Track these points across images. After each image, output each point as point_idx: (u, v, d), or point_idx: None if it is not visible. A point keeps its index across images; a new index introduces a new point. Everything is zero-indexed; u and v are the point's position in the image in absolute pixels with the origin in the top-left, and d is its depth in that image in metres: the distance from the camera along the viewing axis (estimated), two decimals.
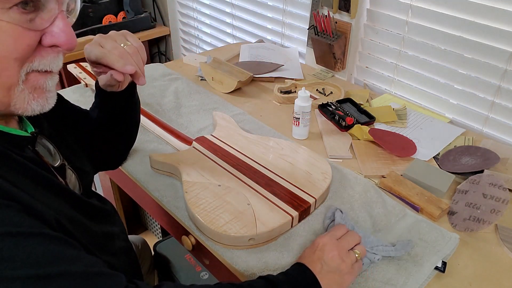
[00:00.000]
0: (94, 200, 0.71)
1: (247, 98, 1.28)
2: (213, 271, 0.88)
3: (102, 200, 0.77)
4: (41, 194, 0.53)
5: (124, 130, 0.88)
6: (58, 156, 0.64)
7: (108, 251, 0.65)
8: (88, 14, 1.79)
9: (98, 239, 0.63)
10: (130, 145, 0.95)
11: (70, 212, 0.57)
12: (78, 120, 0.84)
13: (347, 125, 1.10)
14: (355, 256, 0.68)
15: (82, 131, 0.82)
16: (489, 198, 0.84)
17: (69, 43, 0.54)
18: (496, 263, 0.75)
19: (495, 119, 1.11)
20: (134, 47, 0.72)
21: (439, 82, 1.20)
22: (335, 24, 1.33)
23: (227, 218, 0.75)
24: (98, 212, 0.68)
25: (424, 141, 1.07)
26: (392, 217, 0.82)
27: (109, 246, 0.67)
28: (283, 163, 0.90)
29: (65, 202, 0.58)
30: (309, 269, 0.64)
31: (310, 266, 0.65)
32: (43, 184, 0.55)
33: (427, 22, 1.17)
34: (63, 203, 0.57)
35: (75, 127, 0.81)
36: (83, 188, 0.69)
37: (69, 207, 0.58)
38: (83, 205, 0.63)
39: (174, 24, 2.09)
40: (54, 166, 0.62)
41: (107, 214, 0.72)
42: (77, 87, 1.28)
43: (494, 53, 1.05)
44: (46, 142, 0.64)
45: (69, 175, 0.66)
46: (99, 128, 0.84)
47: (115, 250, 0.68)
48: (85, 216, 0.62)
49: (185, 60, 1.50)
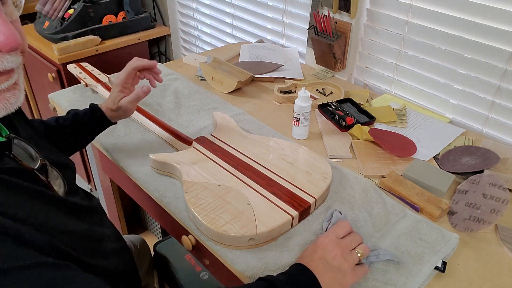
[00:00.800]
0: (79, 198, 0.69)
1: (247, 98, 1.28)
2: (213, 271, 0.88)
3: (88, 196, 0.75)
4: (27, 209, 0.53)
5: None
6: (38, 157, 0.63)
7: (99, 254, 0.63)
8: (88, 14, 1.79)
9: (88, 243, 0.61)
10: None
11: (58, 221, 0.57)
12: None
13: (347, 125, 1.10)
14: (358, 256, 0.68)
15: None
16: (489, 198, 0.84)
17: (8, 44, 0.50)
18: (496, 263, 0.75)
19: (495, 119, 1.11)
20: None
21: (439, 82, 1.20)
22: (335, 24, 1.33)
23: (227, 218, 0.75)
24: (85, 213, 0.67)
25: (424, 141, 1.07)
26: (392, 217, 0.82)
27: (100, 249, 0.65)
28: (283, 163, 0.90)
29: (52, 209, 0.57)
30: (309, 269, 0.64)
31: (311, 266, 0.65)
32: (27, 195, 0.54)
33: (427, 22, 1.17)
34: (51, 212, 0.57)
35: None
36: (67, 184, 0.68)
37: (56, 215, 0.58)
38: (71, 208, 0.62)
39: (174, 24, 2.09)
40: (34, 168, 0.60)
41: (95, 213, 0.71)
42: (77, 87, 1.28)
43: (494, 53, 1.05)
44: (24, 144, 0.62)
45: (52, 174, 0.65)
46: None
47: (107, 253, 0.66)
48: (73, 219, 0.61)
49: (185, 60, 1.50)
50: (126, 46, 1.89)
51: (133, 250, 1.14)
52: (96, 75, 1.28)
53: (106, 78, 1.27)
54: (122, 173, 1.01)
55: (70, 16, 1.77)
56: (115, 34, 1.86)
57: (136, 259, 1.15)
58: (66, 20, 1.78)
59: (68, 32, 1.76)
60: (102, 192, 1.52)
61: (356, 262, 0.67)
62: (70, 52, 1.70)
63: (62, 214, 0.59)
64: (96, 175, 1.46)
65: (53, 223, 0.56)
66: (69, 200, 0.64)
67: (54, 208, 0.58)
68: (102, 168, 1.30)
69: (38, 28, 1.86)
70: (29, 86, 2.12)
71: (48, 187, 0.62)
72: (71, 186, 0.70)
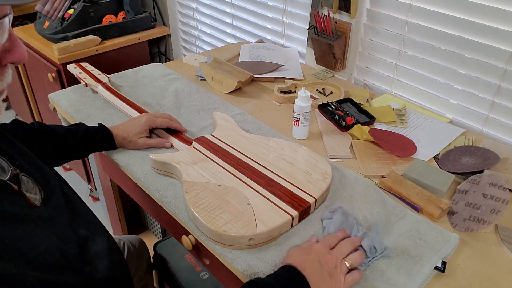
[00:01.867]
0: (56, 202, 0.65)
1: (247, 98, 1.28)
2: (213, 271, 0.88)
3: (67, 195, 0.70)
4: (9, 234, 0.52)
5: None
6: (8, 167, 0.60)
7: (85, 261, 0.61)
8: (88, 14, 1.79)
9: (71, 258, 0.59)
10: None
11: (35, 243, 0.54)
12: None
13: (347, 125, 1.10)
14: (346, 265, 0.69)
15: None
16: (489, 198, 0.84)
17: (24, 59, 0.52)
18: (496, 263, 0.75)
19: (495, 119, 1.11)
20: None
21: (439, 82, 1.20)
22: (335, 24, 1.33)
23: (227, 218, 0.75)
24: (65, 217, 0.64)
25: (424, 141, 1.07)
26: (392, 217, 0.82)
27: (86, 255, 0.62)
28: (283, 163, 0.90)
29: (26, 226, 0.55)
30: (299, 271, 0.65)
31: (303, 266, 0.66)
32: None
33: (427, 22, 1.17)
34: (26, 233, 0.55)
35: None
36: (43, 187, 0.64)
37: (30, 235, 0.55)
38: (46, 219, 0.60)
39: (174, 24, 2.09)
40: (5, 179, 0.58)
41: (76, 215, 0.67)
42: (77, 87, 1.28)
43: (494, 53, 1.05)
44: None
45: (24, 182, 0.62)
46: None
47: (90, 257, 0.63)
48: (49, 229, 0.59)
49: (185, 60, 1.50)
50: (126, 46, 1.89)
51: (132, 250, 1.14)
52: (96, 75, 1.28)
53: (106, 78, 1.27)
54: (122, 173, 1.01)
55: (70, 16, 1.77)
56: (115, 34, 1.87)
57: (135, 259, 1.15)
58: (66, 20, 1.78)
59: (68, 32, 1.76)
60: (102, 192, 1.52)
61: (345, 272, 0.68)
62: (70, 52, 1.70)
63: (38, 231, 0.57)
64: (96, 175, 1.46)
65: (29, 247, 0.53)
66: (44, 213, 0.61)
67: (28, 226, 0.56)
68: (102, 168, 1.30)
69: (38, 28, 1.87)
70: (29, 86, 2.12)
71: (22, 196, 0.60)
72: (50, 188, 0.66)
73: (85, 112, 1.15)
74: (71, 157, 0.98)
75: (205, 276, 1.29)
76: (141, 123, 0.98)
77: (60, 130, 0.94)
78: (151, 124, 0.99)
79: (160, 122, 1.01)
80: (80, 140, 0.94)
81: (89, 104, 1.19)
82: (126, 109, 1.13)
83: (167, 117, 1.04)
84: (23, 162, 0.65)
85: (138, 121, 0.99)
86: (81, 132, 0.95)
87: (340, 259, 0.69)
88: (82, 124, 0.98)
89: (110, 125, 1.01)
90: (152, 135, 1.04)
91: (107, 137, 0.97)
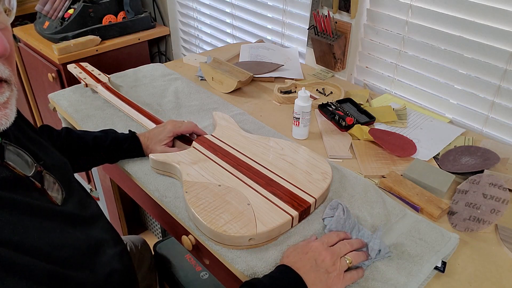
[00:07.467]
0: (77, 204, 0.67)
1: (247, 98, 1.28)
2: (213, 271, 0.88)
3: (85, 201, 0.71)
4: (22, 227, 0.52)
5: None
6: (33, 163, 0.61)
7: (97, 263, 0.62)
8: (88, 14, 1.79)
9: (85, 254, 0.60)
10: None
11: (52, 237, 0.55)
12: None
13: (347, 125, 1.10)
14: (346, 262, 0.69)
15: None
16: (489, 198, 0.84)
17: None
18: (496, 263, 0.75)
19: (495, 119, 1.11)
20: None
21: (439, 82, 1.20)
22: (335, 24, 1.33)
23: (227, 218, 0.75)
24: (82, 221, 0.65)
25: (424, 141, 1.07)
26: (392, 217, 0.82)
27: (99, 257, 0.63)
28: (283, 163, 0.90)
29: (45, 223, 0.56)
30: (294, 270, 0.65)
31: (298, 265, 0.66)
32: (21, 212, 0.53)
33: (427, 22, 1.17)
34: (44, 227, 0.56)
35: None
36: (64, 188, 0.66)
37: (50, 230, 0.56)
38: (66, 219, 0.61)
39: (174, 24, 2.09)
40: (29, 175, 0.59)
41: (93, 218, 0.69)
42: (77, 87, 1.28)
43: (494, 53, 1.05)
44: (17, 150, 0.61)
45: (47, 180, 0.63)
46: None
47: (106, 260, 0.64)
48: (68, 230, 0.60)
49: (185, 60, 1.50)
50: (126, 46, 1.89)
51: (134, 251, 1.14)
52: (96, 75, 1.28)
53: (106, 78, 1.27)
54: (122, 173, 1.01)
55: (70, 16, 1.77)
56: (115, 34, 1.87)
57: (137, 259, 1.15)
58: (66, 20, 1.78)
59: (68, 32, 1.76)
60: (102, 192, 1.52)
61: (345, 269, 0.68)
62: (70, 52, 1.70)
63: (57, 226, 0.58)
64: (96, 175, 1.46)
65: (46, 240, 0.54)
66: (65, 210, 0.62)
67: (48, 221, 0.57)
68: (102, 168, 1.31)
69: (38, 28, 1.87)
70: (29, 86, 2.12)
71: (44, 194, 0.61)
72: (68, 188, 0.68)
73: (85, 112, 1.15)
74: (96, 164, 0.99)
75: (205, 276, 1.29)
76: (165, 131, 0.97)
77: (88, 137, 0.94)
78: (175, 131, 0.98)
79: (185, 128, 0.99)
80: (108, 148, 0.94)
81: (89, 104, 1.19)
82: (126, 109, 1.13)
83: (192, 125, 1.02)
84: (47, 161, 0.67)
85: (163, 129, 0.98)
86: (109, 139, 0.94)
87: (338, 256, 0.69)
88: (111, 131, 0.98)
89: (111, 125, 1.01)
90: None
91: (136, 146, 0.96)
